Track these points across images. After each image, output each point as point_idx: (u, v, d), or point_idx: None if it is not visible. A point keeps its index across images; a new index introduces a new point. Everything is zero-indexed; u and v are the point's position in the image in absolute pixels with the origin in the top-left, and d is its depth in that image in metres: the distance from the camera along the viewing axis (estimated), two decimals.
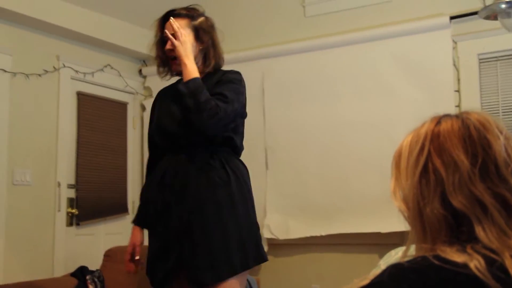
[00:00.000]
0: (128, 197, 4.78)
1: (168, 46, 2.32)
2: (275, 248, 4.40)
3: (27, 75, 4.01)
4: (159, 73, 2.49)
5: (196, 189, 2.20)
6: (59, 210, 4.12)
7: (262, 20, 4.70)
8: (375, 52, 4.15)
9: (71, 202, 4.26)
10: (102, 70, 4.62)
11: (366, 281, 0.98)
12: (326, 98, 4.28)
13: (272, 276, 4.36)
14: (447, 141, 1.04)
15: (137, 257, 2.38)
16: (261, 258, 2.23)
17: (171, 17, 2.25)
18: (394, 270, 0.95)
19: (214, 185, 2.20)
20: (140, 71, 5.08)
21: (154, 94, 4.96)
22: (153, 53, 2.47)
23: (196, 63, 2.32)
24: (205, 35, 2.36)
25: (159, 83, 5.00)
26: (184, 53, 2.24)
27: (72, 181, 4.30)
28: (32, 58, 4.08)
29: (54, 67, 4.22)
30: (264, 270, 4.38)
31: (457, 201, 0.99)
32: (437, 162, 1.03)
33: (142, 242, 2.41)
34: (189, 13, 2.37)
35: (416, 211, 1.04)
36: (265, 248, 4.33)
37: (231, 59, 4.70)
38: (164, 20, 2.39)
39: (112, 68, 4.73)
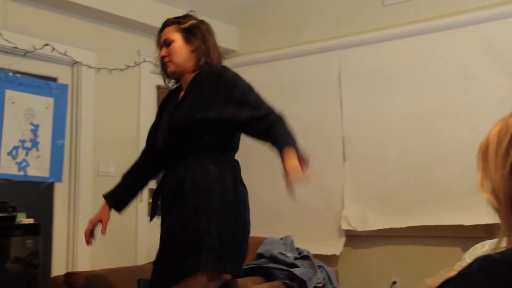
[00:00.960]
0: None
1: (162, 52, 2.38)
2: (353, 239, 4.36)
3: (110, 70, 4.16)
4: (166, 83, 2.52)
5: (168, 205, 2.28)
6: (141, 201, 4.26)
7: (339, 9, 4.64)
8: (457, 39, 4.02)
9: (152, 193, 4.38)
10: None
11: (453, 273, 0.95)
12: (406, 88, 4.19)
13: (350, 267, 4.33)
14: None
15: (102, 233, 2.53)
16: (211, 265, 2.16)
17: None
18: (484, 262, 0.91)
19: (180, 198, 2.23)
20: None
21: None
22: (158, 65, 2.51)
23: (189, 64, 2.36)
24: (194, 37, 2.38)
25: None
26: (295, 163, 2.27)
27: None
28: (114, 54, 4.23)
29: (135, 62, 4.36)
30: (342, 262, 4.36)
31: None
32: None
33: (107, 220, 2.55)
34: (177, 20, 2.42)
35: (508, 204, 0.99)
36: (342, 240, 4.32)
37: (308, 50, 4.70)
38: (160, 32, 2.45)
39: None
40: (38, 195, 3.82)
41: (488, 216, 1.06)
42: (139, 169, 2.56)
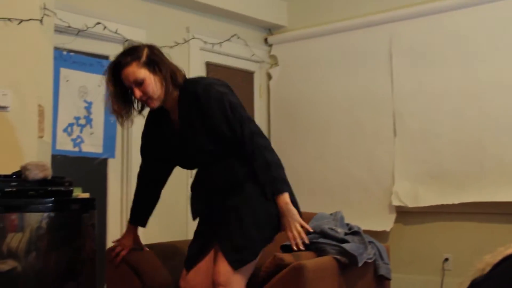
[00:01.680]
0: None
1: (138, 94, 2.33)
2: (404, 215, 4.32)
3: (159, 48, 4.19)
4: (121, 123, 2.44)
5: (223, 198, 2.39)
6: (191, 177, 4.32)
7: None
8: None
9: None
10: (229, 40, 4.72)
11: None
12: (459, 61, 4.08)
13: (401, 244, 4.29)
14: None
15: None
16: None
17: None
18: None
19: (229, 191, 2.38)
20: (266, 40, 5.13)
21: (280, 62, 5.04)
22: (109, 107, 2.40)
23: (168, 93, 2.35)
24: (156, 65, 2.35)
25: (284, 51, 5.06)
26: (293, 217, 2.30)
27: None
28: (163, 31, 4.26)
29: (184, 39, 4.38)
30: (392, 238, 4.33)
31: None
32: None
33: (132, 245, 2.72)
34: (133, 56, 2.34)
35: None
36: (393, 216, 4.29)
37: (358, 24, 4.62)
38: (115, 73, 2.36)
39: (239, 38, 4.82)
40: (92, 170, 3.92)
41: None
42: (149, 187, 2.72)
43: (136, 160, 3.95)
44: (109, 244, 3.78)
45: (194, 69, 4.43)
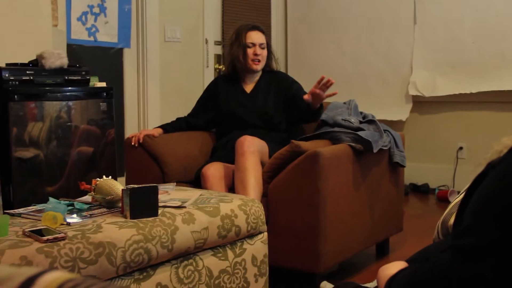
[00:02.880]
0: None
1: (259, 52, 2.89)
2: (421, 105, 4.31)
3: None
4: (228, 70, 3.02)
5: None
6: (207, 66, 4.30)
7: None
8: None
9: (218, 58, 4.41)
10: None
11: None
12: None
13: (416, 133, 4.32)
14: None
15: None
16: None
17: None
18: None
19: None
20: None
21: None
22: (231, 53, 2.98)
23: (270, 60, 3.00)
24: (270, 43, 3.03)
25: None
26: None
27: (219, 38, 4.41)
28: None
29: None
30: (408, 127, 4.35)
31: None
32: None
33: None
34: (263, 29, 3.00)
35: None
36: (409, 106, 4.30)
37: None
38: (248, 30, 2.93)
39: None
40: (108, 60, 3.91)
41: None
42: (184, 126, 3.03)
43: (151, 50, 3.93)
44: (127, 133, 3.85)
45: None
